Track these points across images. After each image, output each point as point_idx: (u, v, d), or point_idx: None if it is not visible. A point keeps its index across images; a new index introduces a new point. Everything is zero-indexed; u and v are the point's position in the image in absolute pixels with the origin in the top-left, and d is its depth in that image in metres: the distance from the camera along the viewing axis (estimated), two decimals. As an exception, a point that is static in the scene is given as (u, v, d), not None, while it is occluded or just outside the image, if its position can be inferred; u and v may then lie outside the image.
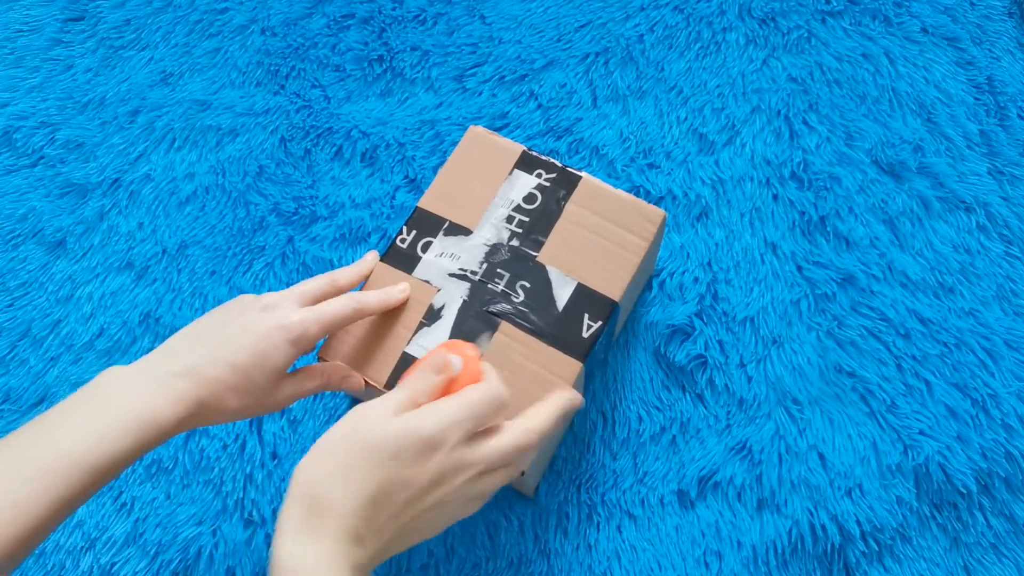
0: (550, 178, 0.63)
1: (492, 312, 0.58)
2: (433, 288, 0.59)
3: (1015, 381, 0.69)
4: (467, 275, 0.59)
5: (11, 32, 0.88)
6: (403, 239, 0.61)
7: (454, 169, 0.64)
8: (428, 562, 0.64)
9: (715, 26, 0.84)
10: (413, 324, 0.58)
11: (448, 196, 0.63)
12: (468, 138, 0.65)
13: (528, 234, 0.61)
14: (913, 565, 0.63)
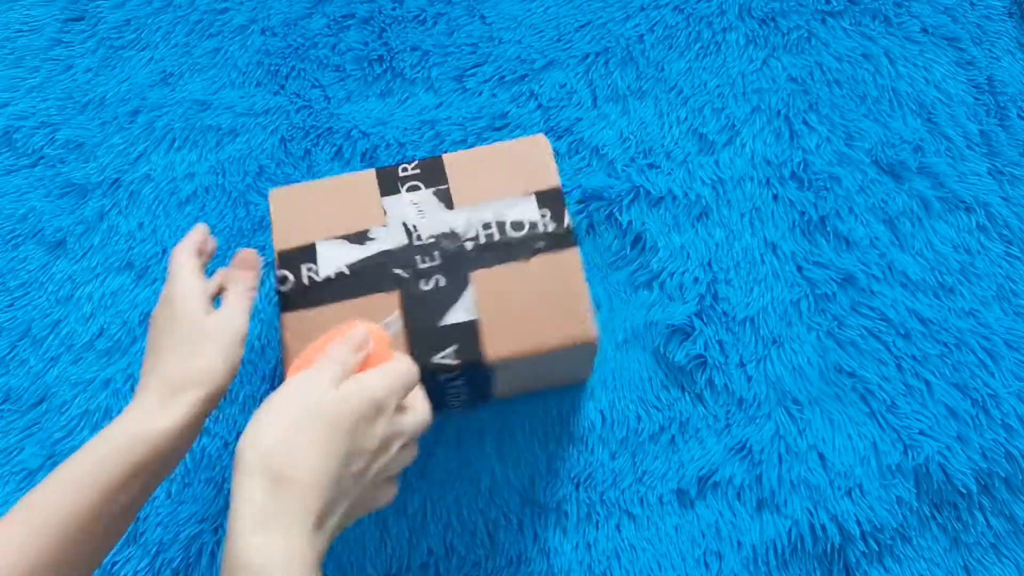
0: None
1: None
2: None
3: (1015, 381, 0.69)
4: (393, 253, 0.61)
5: (11, 32, 0.88)
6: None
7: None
8: (428, 560, 0.64)
9: (715, 26, 0.84)
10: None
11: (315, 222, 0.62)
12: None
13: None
14: (913, 565, 0.63)
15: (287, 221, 0.62)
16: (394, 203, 0.62)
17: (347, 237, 0.61)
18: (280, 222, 0.63)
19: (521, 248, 0.60)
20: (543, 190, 0.62)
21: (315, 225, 0.62)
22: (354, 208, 0.62)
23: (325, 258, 0.61)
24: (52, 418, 0.70)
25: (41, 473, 0.68)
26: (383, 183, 0.63)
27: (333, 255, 0.61)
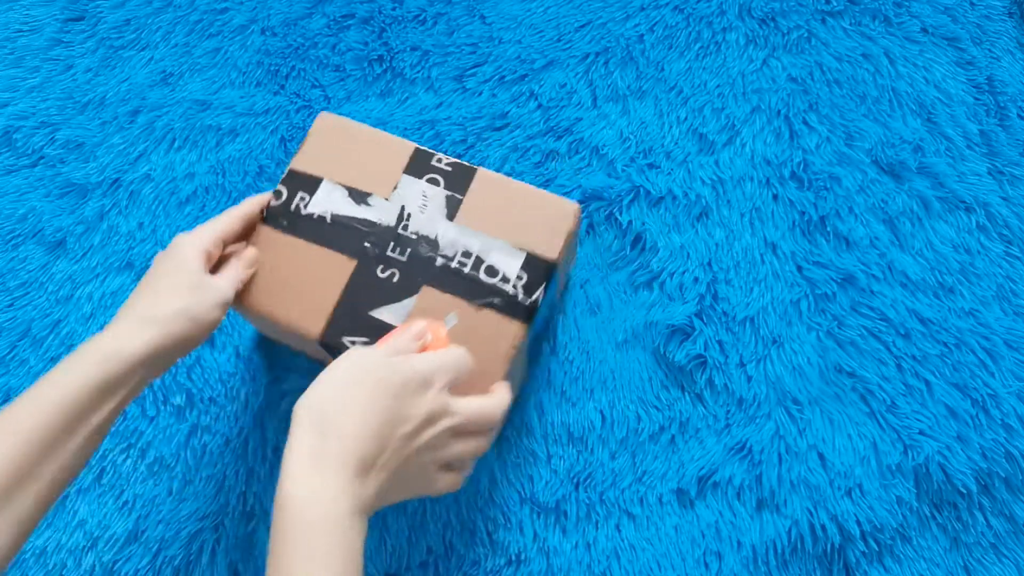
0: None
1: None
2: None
3: (1015, 381, 0.69)
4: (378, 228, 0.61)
5: (11, 32, 0.88)
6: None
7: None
8: (427, 559, 0.64)
9: (715, 26, 0.84)
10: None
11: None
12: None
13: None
14: (913, 565, 0.63)
15: (316, 147, 0.64)
16: (409, 184, 0.62)
17: (350, 191, 0.62)
18: (310, 145, 0.64)
19: (479, 292, 0.58)
20: (537, 255, 0.59)
21: (334, 163, 0.63)
22: (375, 168, 0.63)
23: (321, 197, 0.62)
24: (52, 418, 0.70)
25: (41, 473, 0.68)
26: (414, 161, 0.63)
27: (329, 199, 0.62)
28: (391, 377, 0.46)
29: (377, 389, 0.45)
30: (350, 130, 0.65)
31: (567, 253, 0.62)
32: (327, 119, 0.65)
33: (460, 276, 0.59)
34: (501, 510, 0.66)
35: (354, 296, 0.59)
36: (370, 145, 0.64)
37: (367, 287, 0.59)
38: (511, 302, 0.58)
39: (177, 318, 0.52)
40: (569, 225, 0.60)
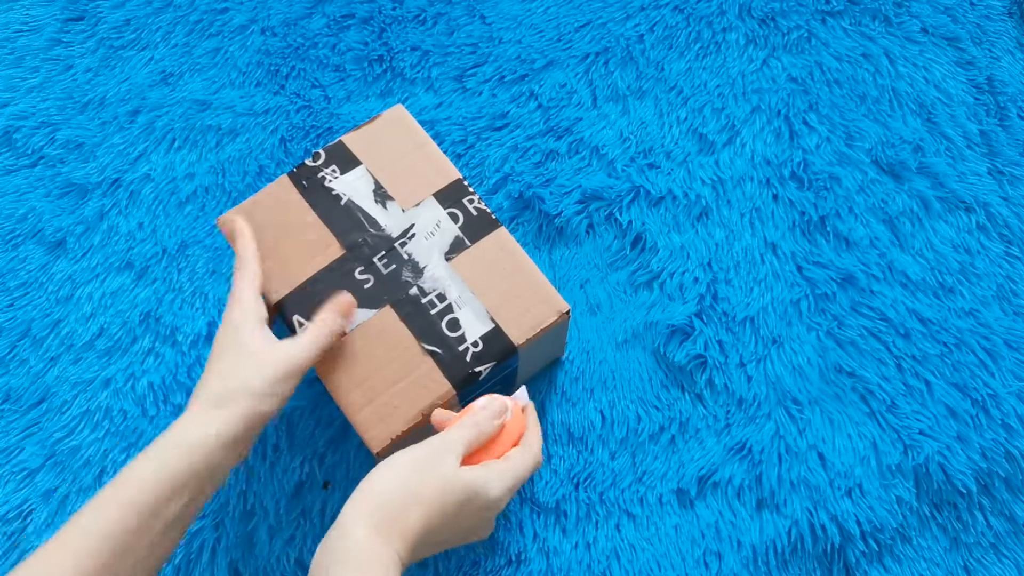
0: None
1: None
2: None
3: (1015, 381, 0.69)
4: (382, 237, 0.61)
5: (11, 32, 0.88)
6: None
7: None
8: (427, 560, 0.64)
9: (715, 26, 0.84)
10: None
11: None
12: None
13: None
14: (913, 565, 0.63)
15: (374, 133, 0.65)
16: (430, 207, 0.62)
17: (377, 187, 0.62)
18: (371, 129, 0.65)
19: (432, 337, 0.58)
20: (503, 332, 0.58)
21: (379, 155, 0.64)
22: (411, 178, 0.63)
23: (349, 180, 0.63)
24: (52, 418, 0.70)
25: (41, 473, 0.68)
26: (448, 189, 0.62)
27: (354, 185, 0.63)
28: (454, 495, 0.48)
29: (439, 501, 0.47)
30: (412, 133, 0.65)
31: (539, 345, 0.60)
32: (399, 112, 0.66)
33: (424, 314, 0.58)
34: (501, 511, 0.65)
35: (324, 282, 0.59)
36: (420, 155, 0.64)
37: (339, 279, 0.59)
38: (454, 362, 0.57)
39: (239, 397, 0.51)
40: (548, 321, 0.58)
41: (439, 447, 0.49)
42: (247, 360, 0.52)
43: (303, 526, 0.65)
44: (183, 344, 0.72)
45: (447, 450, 0.49)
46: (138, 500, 0.47)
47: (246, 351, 0.52)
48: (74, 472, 0.68)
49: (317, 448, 0.68)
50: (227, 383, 0.51)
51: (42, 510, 0.67)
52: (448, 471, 0.48)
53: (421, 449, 0.49)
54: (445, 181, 0.63)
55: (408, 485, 0.47)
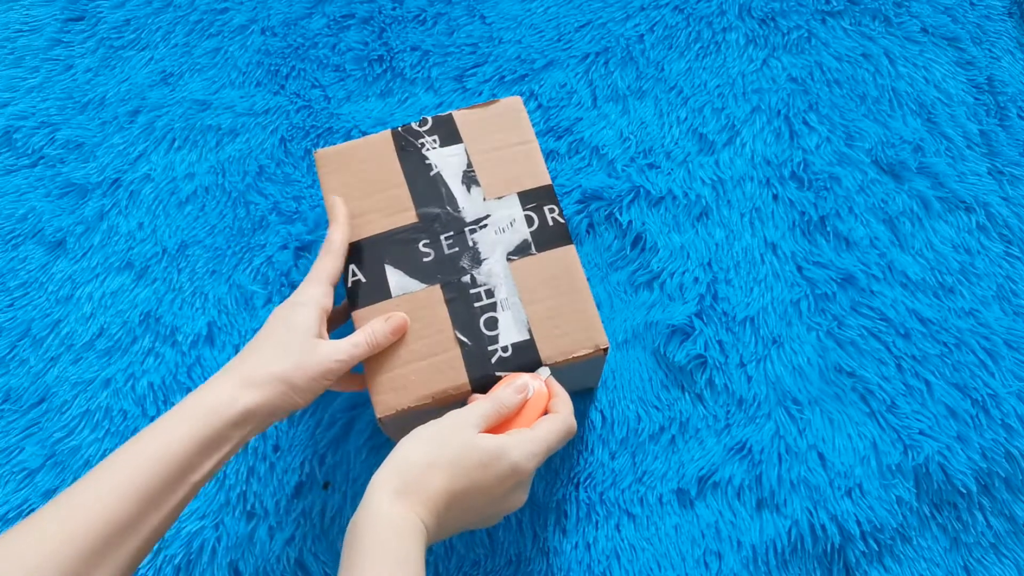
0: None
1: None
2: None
3: (1015, 381, 0.69)
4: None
5: (11, 32, 0.88)
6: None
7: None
8: (427, 560, 0.64)
9: (715, 26, 0.84)
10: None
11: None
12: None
13: None
14: (913, 565, 0.63)
15: (486, 120, 0.65)
16: (511, 205, 0.62)
17: (469, 169, 0.63)
18: (484, 112, 0.65)
19: (467, 328, 0.58)
20: (534, 348, 0.57)
21: (483, 141, 0.64)
22: (503, 171, 0.63)
23: (446, 153, 0.64)
24: (52, 418, 0.70)
25: (41, 473, 0.68)
26: (535, 192, 0.62)
27: (449, 160, 0.63)
28: (477, 459, 0.48)
29: (462, 466, 0.48)
30: (520, 127, 0.65)
31: (569, 372, 0.59)
32: (515, 104, 0.66)
33: (468, 303, 0.59)
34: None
35: (389, 243, 0.60)
36: (519, 151, 0.64)
37: (404, 245, 0.60)
38: (479, 358, 0.57)
39: (275, 384, 0.51)
40: (582, 351, 0.57)
41: (459, 419, 0.51)
42: (294, 351, 0.52)
43: (303, 526, 0.65)
44: (183, 344, 0.72)
45: (466, 421, 0.50)
46: (170, 458, 0.47)
47: (296, 342, 0.53)
48: (74, 472, 0.68)
49: (317, 448, 0.68)
50: (269, 368, 0.51)
51: (42, 510, 0.67)
52: (468, 437, 0.49)
53: (442, 421, 0.51)
54: (534, 183, 0.62)
55: (429, 453, 0.48)
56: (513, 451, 0.49)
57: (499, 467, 0.49)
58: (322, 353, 0.53)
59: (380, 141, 0.64)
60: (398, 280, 0.59)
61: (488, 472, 0.48)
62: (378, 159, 0.64)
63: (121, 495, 0.45)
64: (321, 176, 0.64)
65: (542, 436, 0.51)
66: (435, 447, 0.49)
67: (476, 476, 0.48)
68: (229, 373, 0.52)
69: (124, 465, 0.46)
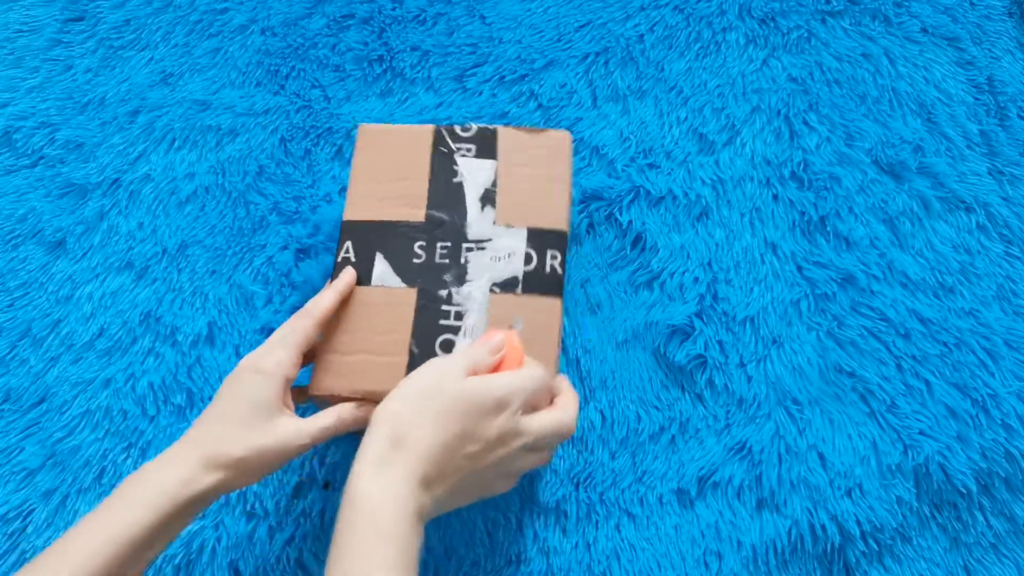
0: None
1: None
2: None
3: (1015, 381, 0.69)
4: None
5: (11, 32, 0.88)
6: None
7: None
8: (427, 559, 0.64)
9: (715, 26, 0.84)
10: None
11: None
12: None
13: None
14: (913, 565, 0.63)
15: (528, 144, 0.64)
16: (516, 236, 0.60)
17: (491, 189, 0.62)
18: (529, 136, 0.64)
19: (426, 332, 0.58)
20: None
21: (518, 167, 0.62)
22: (529, 202, 0.61)
23: (476, 166, 0.62)
24: (52, 418, 0.70)
25: (41, 473, 0.68)
26: (543, 235, 0.61)
27: (477, 174, 0.62)
28: (467, 398, 0.48)
29: (451, 409, 0.47)
30: (558, 164, 0.62)
31: None
32: (563, 138, 0.64)
33: (434, 319, 0.58)
34: (501, 510, 0.66)
35: (388, 233, 0.60)
36: (548, 187, 0.62)
37: (400, 239, 0.60)
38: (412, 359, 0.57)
39: (235, 468, 0.50)
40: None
41: (442, 368, 0.50)
42: (257, 432, 0.51)
43: (303, 526, 0.65)
44: (183, 344, 0.72)
45: (448, 370, 0.50)
46: (127, 543, 0.46)
47: (259, 423, 0.51)
48: (74, 472, 0.68)
49: (318, 448, 0.68)
50: (230, 451, 0.50)
51: (42, 510, 0.67)
52: (454, 384, 0.48)
53: (422, 375, 0.50)
54: (549, 224, 0.61)
55: (416, 405, 0.48)
56: (495, 385, 0.49)
57: (485, 404, 0.48)
58: (283, 436, 0.51)
59: (421, 133, 0.64)
60: (382, 271, 0.59)
61: (476, 412, 0.48)
62: (412, 149, 0.63)
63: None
64: (355, 149, 0.64)
65: (522, 374, 0.51)
66: (424, 397, 0.48)
67: (466, 421, 0.47)
68: (190, 449, 0.50)
69: (81, 550, 0.46)
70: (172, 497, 0.48)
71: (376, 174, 0.63)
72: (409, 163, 0.63)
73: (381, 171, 0.63)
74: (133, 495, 0.48)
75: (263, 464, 0.51)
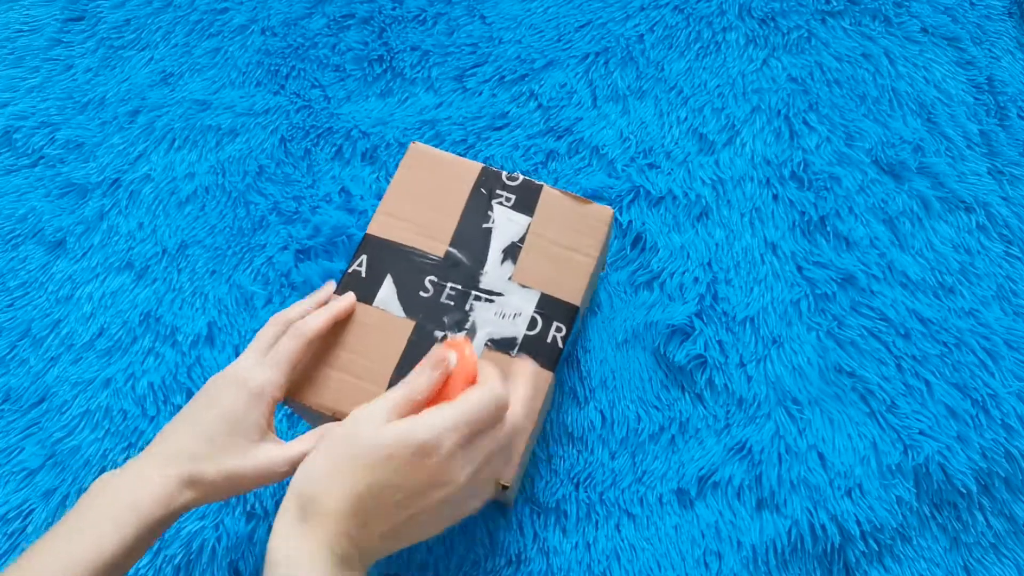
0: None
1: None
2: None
3: (1015, 381, 0.69)
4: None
5: (11, 32, 0.88)
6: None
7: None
8: (427, 560, 0.64)
9: (715, 26, 0.84)
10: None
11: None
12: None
13: None
14: (913, 565, 0.63)
15: (567, 212, 0.61)
16: (528, 299, 0.59)
17: (516, 243, 0.60)
18: (571, 203, 0.62)
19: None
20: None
21: (550, 231, 0.61)
22: (546, 264, 0.60)
23: (509, 218, 0.61)
24: (52, 418, 0.70)
25: (41, 473, 0.68)
26: (554, 304, 0.59)
27: (508, 226, 0.61)
28: (377, 451, 0.43)
29: (367, 460, 0.43)
30: (590, 238, 0.61)
31: None
32: (604, 215, 0.61)
33: (420, 358, 0.56)
34: (502, 511, 0.66)
35: (403, 260, 0.59)
36: (572, 258, 0.60)
37: (414, 270, 0.59)
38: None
39: (212, 487, 0.48)
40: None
41: (365, 413, 0.45)
42: (235, 455, 0.49)
43: (303, 526, 0.65)
44: (183, 344, 0.72)
45: (372, 415, 0.44)
46: (104, 560, 0.45)
47: (240, 443, 0.49)
48: (74, 472, 0.68)
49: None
50: (208, 473, 0.48)
51: (42, 510, 0.67)
52: (371, 431, 0.43)
53: (347, 423, 0.45)
54: (563, 296, 0.59)
55: (331, 459, 0.44)
56: (418, 430, 0.43)
57: (405, 452, 0.42)
58: (264, 462, 0.49)
59: (467, 168, 0.63)
60: (387, 294, 0.58)
61: (395, 461, 0.42)
62: (454, 182, 0.62)
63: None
64: (401, 164, 0.63)
65: (461, 407, 0.44)
66: (339, 451, 0.44)
67: (381, 473, 0.42)
68: (163, 465, 0.48)
69: (53, 567, 0.44)
70: (145, 516, 0.46)
71: (412, 195, 0.62)
72: (446, 194, 0.62)
73: (417, 194, 0.62)
74: (101, 512, 0.46)
75: (240, 488, 0.50)
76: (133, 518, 0.46)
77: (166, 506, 0.47)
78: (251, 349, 0.54)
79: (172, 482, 0.48)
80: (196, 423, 0.50)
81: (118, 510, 0.46)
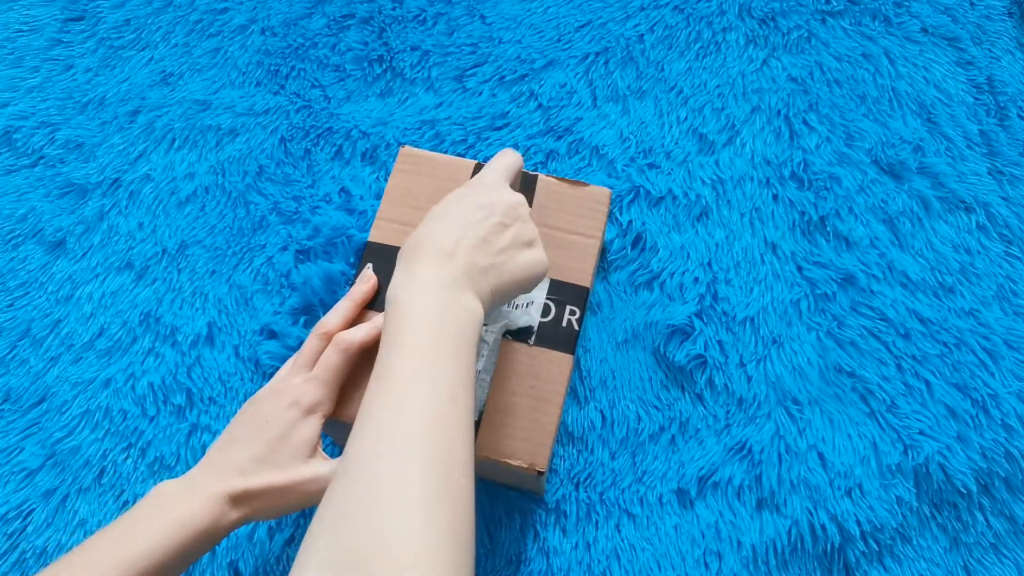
0: None
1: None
2: None
3: (1015, 381, 0.69)
4: None
5: (11, 32, 0.88)
6: None
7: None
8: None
9: (715, 26, 0.84)
10: None
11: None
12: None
13: None
14: (913, 565, 0.63)
15: (567, 195, 0.63)
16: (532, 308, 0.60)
17: None
18: (569, 188, 0.63)
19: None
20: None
21: (553, 217, 0.62)
22: (553, 250, 0.59)
23: None
24: (52, 418, 0.70)
25: (41, 473, 0.68)
26: (564, 288, 0.60)
27: None
28: (460, 191, 0.51)
29: (450, 204, 0.50)
30: (593, 219, 0.62)
31: (505, 471, 0.58)
32: (602, 195, 0.63)
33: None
34: (502, 510, 0.66)
35: None
36: (583, 245, 0.61)
37: None
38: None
39: (276, 497, 0.49)
40: (515, 461, 0.56)
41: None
42: (289, 473, 0.50)
43: (303, 526, 0.65)
44: (183, 344, 0.72)
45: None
46: (147, 567, 0.45)
47: (294, 463, 0.50)
48: (74, 472, 0.68)
49: (317, 448, 0.68)
50: (257, 487, 0.49)
51: (42, 510, 0.67)
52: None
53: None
54: (572, 280, 0.60)
55: (427, 221, 0.50)
56: (483, 174, 0.54)
57: (477, 185, 0.52)
58: (314, 478, 0.50)
59: (461, 167, 0.63)
60: None
61: (471, 193, 0.52)
62: (449, 182, 0.62)
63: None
64: (393, 170, 0.63)
65: (498, 159, 0.55)
66: (437, 208, 0.51)
67: (464, 202, 0.51)
68: (217, 481, 0.49)
69: (107, 563, 0.45)
70: (194, 531, 0.47)
71: (408, 199, 0.62)
72: (443, 195, 0.62)
73: (414, 197, 0.62)
74: (154, 523, 0.47)
75: (290, 506, 0.51)
76: (184, 532, 0.47)
77: (215, 523, 0.48)
78: (296, 364, 0.54)
79: (222, 499, 0.49)
80: (248, 440, 0.51)
81: (169, 523, 0.47)
